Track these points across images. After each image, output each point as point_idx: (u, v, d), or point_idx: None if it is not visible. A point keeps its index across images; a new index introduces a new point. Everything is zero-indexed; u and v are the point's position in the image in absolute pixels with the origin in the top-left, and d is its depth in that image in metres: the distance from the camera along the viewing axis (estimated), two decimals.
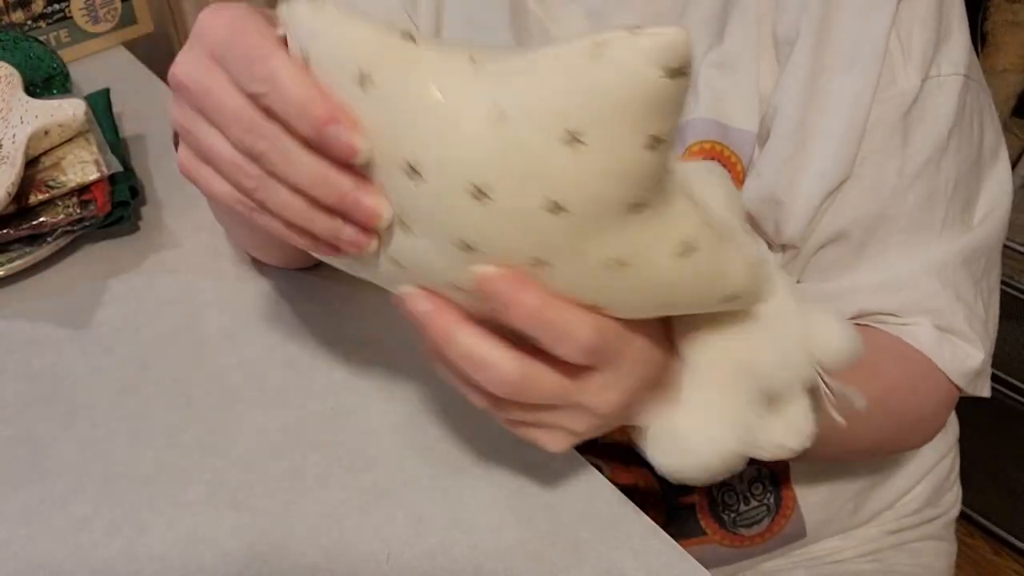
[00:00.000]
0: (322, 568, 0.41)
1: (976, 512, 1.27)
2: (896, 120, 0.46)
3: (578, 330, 0.32)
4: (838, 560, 0.61)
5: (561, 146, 0.26)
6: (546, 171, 0.27)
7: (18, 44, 0.72)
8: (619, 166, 0.27)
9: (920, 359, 0.48)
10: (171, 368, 0.52)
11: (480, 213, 0.28)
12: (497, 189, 0.27)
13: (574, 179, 0.27)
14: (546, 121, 0.26)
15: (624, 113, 0.26)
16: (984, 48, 1.18)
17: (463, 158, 0.27)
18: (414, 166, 0.28)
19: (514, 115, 0.27)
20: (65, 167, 0.61)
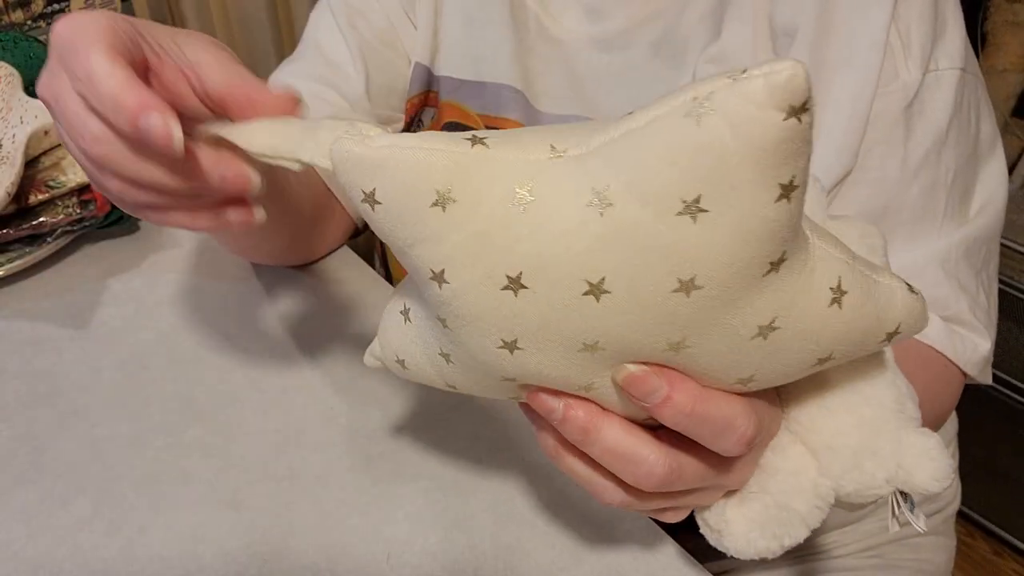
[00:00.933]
0: (322, 568, 0.41)
1: (976, 512, 1.27)
2: (898, 113, 0.47)
3: (740, 422, 0.30)
4: (839, 555, 0.61)
5: (681, 220, 0.24)
6: (669, 250, 0.24)
7: (18, 44, 0.72)
8: (751, 225, 0.24)
9: (935, 359, 0.49)
10: (171, 368, 0.52)
11: (601, 310, 0.26)
12: (616, 281, 0.25)
13: (703, 252, 0.24)
14: (658, 197, 0.24)
15: (748, 168, 0.23)
16: (984, 48, 1.18)
17: (571, 257, 0.25)
18: (517, 279, 0.26)
19: (619, 198, 0.24)
20: (65, 167, 0.61)
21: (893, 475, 0.34)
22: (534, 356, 0.28)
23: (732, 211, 0.24)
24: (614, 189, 0.24)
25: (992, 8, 1.16)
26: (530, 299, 0.26)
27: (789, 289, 0.26)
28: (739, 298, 0.26)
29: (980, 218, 0.51)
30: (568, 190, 0.25)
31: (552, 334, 0.27)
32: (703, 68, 0.50)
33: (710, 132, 0.23)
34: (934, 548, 0.64)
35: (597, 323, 0.26)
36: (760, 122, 0.22)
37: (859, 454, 0.33)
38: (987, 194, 0.52)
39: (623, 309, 0.26)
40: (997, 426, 1.17)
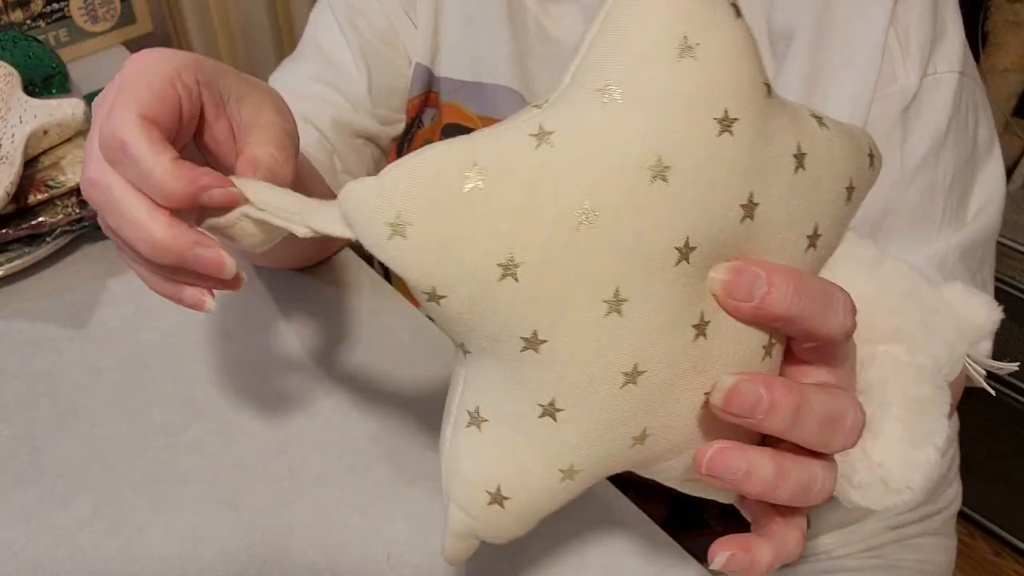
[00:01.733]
0: (322, 568, 0.41)
1: (976, 512, 1.27)
2: (896, 116, 0.47)
3: (836, 291, 0.28)
4: (839, 556, 0.61)
5: (687, 65, 0.25)
6: (703, 85, 0.25)
7: (17, 43, 0.72)
8: (732, 39, 0.26)
9: None
10: (171, 368, 0.52)
11: (670, 202, 0.25)
12: (680, 161, 0.25)
13: (716, 82, 0.25)
14: (668, 49, 0.25)
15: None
16: (985, 48, 1.18)
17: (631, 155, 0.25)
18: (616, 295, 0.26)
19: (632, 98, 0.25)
20: (64, 167, 0.61)
21: (961, 328, 0.35)
22: (636, 306, 0.26)
23: (708, 36, 0.25)
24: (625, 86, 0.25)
25: (992, 8, 1.16)
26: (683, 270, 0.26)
27: (789, 113, 0.27)
28: (764, 124, 0.26)
29: (977, 221, 0.51)
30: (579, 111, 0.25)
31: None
32: None
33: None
34: (935, 548, 0.64)
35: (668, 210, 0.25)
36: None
37: (927, 322, 0.34)
38: (985, 196, 0.52)
39: (687, 189, 0.25)
40: (997, 426, 1.17)
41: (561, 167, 0.24)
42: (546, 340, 0.26)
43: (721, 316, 0.28)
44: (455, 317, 0.26)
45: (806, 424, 0.27)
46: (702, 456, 0.28)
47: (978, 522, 1.28)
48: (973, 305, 0.36)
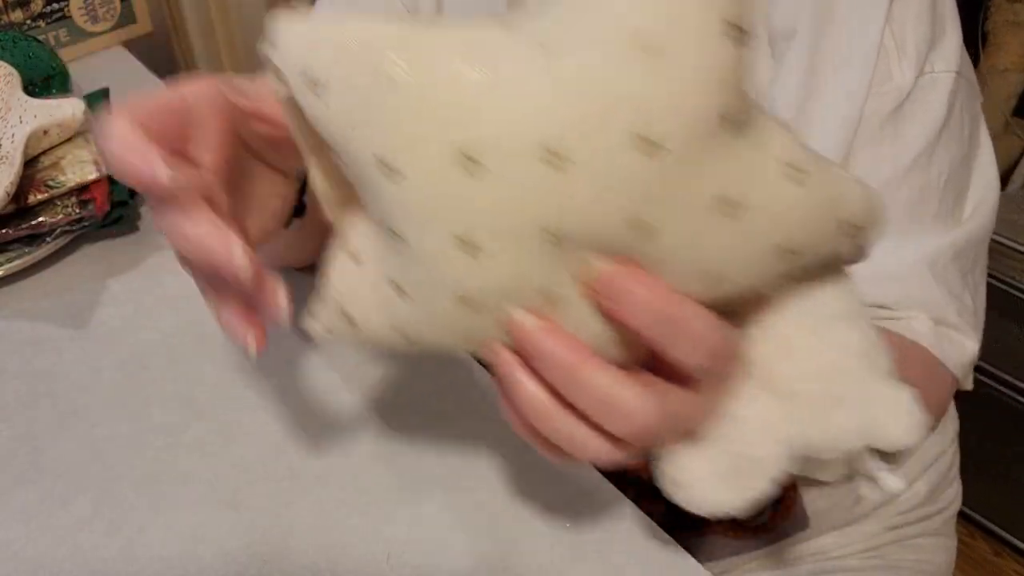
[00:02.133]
0: (322, 568, 0.41)
1: (976, 512, 1.27)
2: (888, 113, 0.47)
3: (704, 324, 0.28)
4: (840, 556, 0.61)
5: (638, 68, 0.23)
6: (628, 103, 0.23)
7: (17, 43, 0.72)
8: (705, 65, 0.23)
9: (926, 357, 0.49)
10: (171, 368, 0.52)
11: (559, 182, 0.24)
12: (575, 144, 0.23)
13: (662, 100, 0.23)
14: (615, 44, 0.23)
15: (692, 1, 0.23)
16: (985, 48, 1.18)
17: (526, 121, 0.24)
18: (469, 155, 0.24)
19: (568, 48, 0.23)
20: (64, 167, 0.61)
21: (864, 427, 0.32)
22: (492, 258, 0.26)
23: (686, 51, 0.23)
24: (566, 44, 0.23)
25: (993, 8, 1.16)
26: (486, 179, 0.24)
27: (745, 157, 0.25)
28: (698, 160, 0.24)
29: (971, 221, 0.51)
30: (519, 54, 0.24)
31: (511, 221, 0.25)
32: None
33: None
34: (935, 549, 0.64)
35: (556, 200, 0.24)
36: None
37: (824, 401, 0.32)
38: (978, 197, 0.52)
39: (587, 177, 0.24)
40: (997, 426, 1.17)
41: (471, 99, 0.24)
42: (406, 241, 0.27)
43: (575, 298, 0.28)
44: (351, 180, 0.28)
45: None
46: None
47: (978, 522, 1.28)
48: (897, 415, 0.32)
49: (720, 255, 0.27)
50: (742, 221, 0.26)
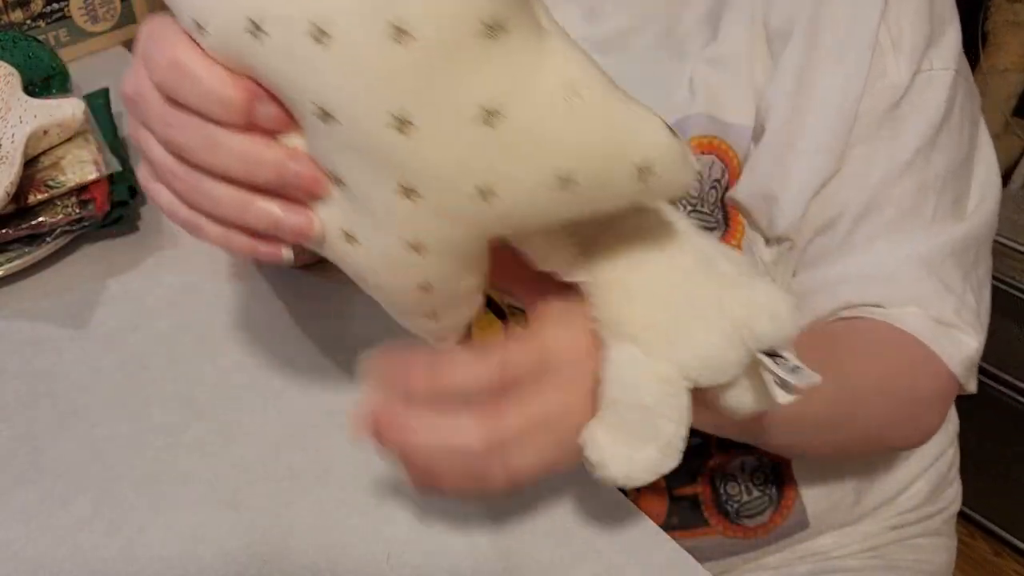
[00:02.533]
0: (322, 568, 0.41)
1: (976, 512, 1.27)
2: (884, 111, 0.47)
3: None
4: (840, 556, 0.61)
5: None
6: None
7: (17, 43, 0.72)
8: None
9: (918, 346, 0.48)
10: (171, 368, 0.52)
11: (327, 59, 0.25)
12: (339, 23, 0.24)
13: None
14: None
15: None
16: (985, 48, 1.18)
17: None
18: (256, 22, 0.26)
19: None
20: (64, 167, 0.61)
21: (728, 334, 0.33)
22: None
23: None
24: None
25: (992, 8, 1.16)
26: (267, 44, 0.26)
27: (512, 69, 0.26)
28: (456, 64, 0.25)
29: (970, 220, 0.51)
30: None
31: (286, 94, 0.27)
32: (700, 70, 0.50)
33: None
34: (935, 549, 0.64)
35: (320, 77, 0.26)
36: None
37: (679, 326, 0.33)
38: (979, 196, 0.52)
39: (341, 57, 0.25)
40: (997, 426, 1.17)
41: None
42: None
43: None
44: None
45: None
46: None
47: (978, 522, 1.28)
48: (757, 310, 0.33)
49: (484, 166, 0.27)
50: (504, 133, 0.26)
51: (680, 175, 0.30)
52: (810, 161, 0.47)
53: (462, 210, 0.29)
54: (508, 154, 0.27)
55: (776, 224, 0.49)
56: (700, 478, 0.58)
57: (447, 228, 0.30)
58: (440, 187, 0.28)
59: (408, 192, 0.28)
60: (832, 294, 0.50)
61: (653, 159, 0.28)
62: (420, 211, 0.29)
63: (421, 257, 0.31)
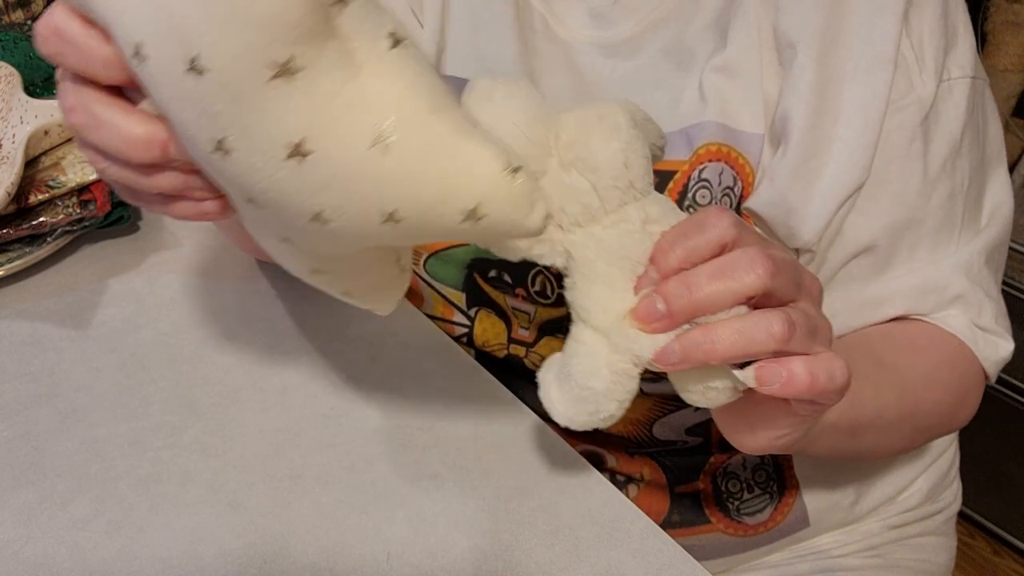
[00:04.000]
0: (322, 568, 0.41)
1: (976, 512, 1.27)
2: (915, 126, 0.47)
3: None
4: (839, 555, 0.61)
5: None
6: (180, 27, 0.25)
7: (18, 44, 0.72)
8: (261, 10, 0.24)
9: (956, 340, 0.50)
10: (171, 368, 0.52)
11: (156, 80, 0.26)
12: (149, 50, 0.25)
13: (204, 29, 0.24)
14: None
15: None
16: (984, 48, 1.19)
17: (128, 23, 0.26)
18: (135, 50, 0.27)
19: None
20: (65, 167, 0.61)
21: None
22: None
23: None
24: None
25: (992, 8, 1.16)
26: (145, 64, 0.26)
27: (312, 109, 0.26)
28: (255, 96, 0.25)
29: (994, 224, 0.52)
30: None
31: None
32: (709, 77, 0.50)
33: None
34: (935, 548, 0.64)
35: (159, 96, 0.27)
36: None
37: (627, 318, 0.35)
38: (997, 199, 0.53)
39: (161, 80, 0.26)
40: (997, 426, 1.17)
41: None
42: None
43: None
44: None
45: (704, 287, 0.32)
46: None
47: (978, 522, 1.28)
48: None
49: (306, 196, 0.28)
50: (317, 169, 0.27)
51: (517, 217, 0.29)
52: (836, 174, 0.47)
53: (303, 228, 0.29)
54: (327, 187, 0.27)
55: (797, 235, 0.49)
56: (702, 475, 0.58)
57: (298, 233, 0.31)
58: (277, 208, 0.29)
59: (253, 202, 0.29)
60: (880, 309, 0.51)
61: (481, 203, 0.28)
62: (270, 219, 0.30)
63: (295, 248, 0.32)
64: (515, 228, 0.30)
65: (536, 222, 0.30)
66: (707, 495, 0.59)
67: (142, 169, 0.31)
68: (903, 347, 0.49)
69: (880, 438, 0.49)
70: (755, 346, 0.32)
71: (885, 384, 0.47)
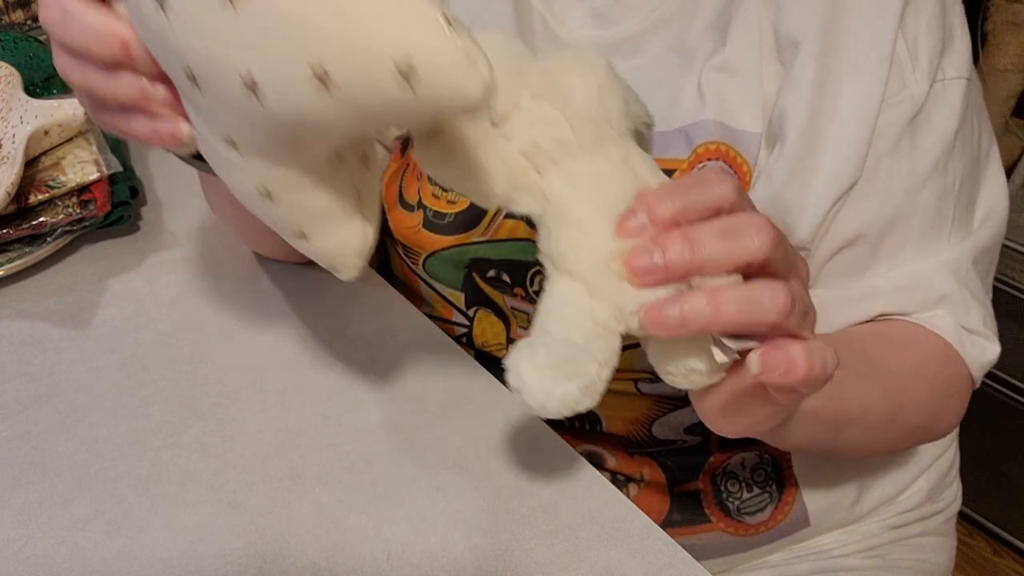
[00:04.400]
0: (322, 568, 0.41)
1: (976, 512, 1.27)
2: (905, 124, 0.47)
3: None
4: (839, 555, 0.61)
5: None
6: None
7: (18, 44, 0.73)
8: None
9: (942, 341, 0.50)
10: (171, 368, 0.52)
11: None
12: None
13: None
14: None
15: None
16: (984, 48, 1.18)
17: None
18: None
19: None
20: (65, 167, 0.61)
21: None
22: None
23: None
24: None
25: (992, 8, 1.16)
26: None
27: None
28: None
29: (986, 226, 0.52)
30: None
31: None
32: (708, 76, 0.50)
33: None
34: (935, 548, 0.64)
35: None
36: None
37: (610, 262, 0.32)
38: (991, 202, 0.53)
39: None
40: (997, 426, 1.17)
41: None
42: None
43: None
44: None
45: (707, 245, 0.31)
46: (641, 313, 0.32)
47: (977, 522, 1.28)
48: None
49: (239, 52, 0.27)
50: (249, 15, 0.27)
51: (455, 75, 0.27)
52: (831, 172, 0.48)
53: (238, 103, 0.29)
54: (259, 40, 0.27)
55: (793, 233, 0.49)
56: (701, 475, 0.58)
57: (237, 123, 0.30)
58: (211, 75, 0.29)
59: (193, 79, 0.29)
60: (864, 306, 0.51)
61: (415, 56, 0.26)
62: (211, 101, 0.30)
63: (239, 155, 0.32)
64: (456, 94, 0.27)
65: (477, 85, 0.27)
66: (707, 495, 0.59)
67: (105, 69, 0.33)
68: (889, 345, 0.49)
69: (864, 434, 0.49)
70: (760, 316, 0.31)
71: (872, 380, 0.47)
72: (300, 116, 0.29)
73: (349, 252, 0.38)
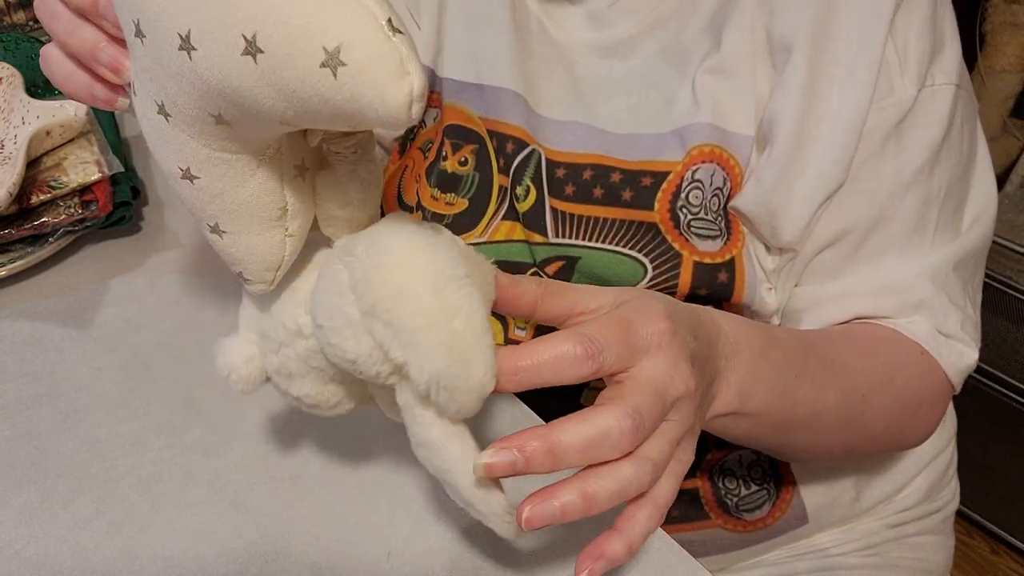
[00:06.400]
0: (323, 567, 0.41)
1: (974, 511, 1.28)
2: (891, 127, 0.48)
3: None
4: (838, 554, 0.61)
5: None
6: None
7: (20, 45, 0.73)
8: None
9: (918, 347, 0.50)
10: (172, 368, 0.52)
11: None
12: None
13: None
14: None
15: None
16: (983, 49, 1.19)
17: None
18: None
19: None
20: (67, 167, 0.61)
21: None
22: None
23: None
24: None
25: (991, 9, 1.17)
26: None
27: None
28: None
29: (970, 233, 0.52)
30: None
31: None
32: (702, 79, 0.50)
33: None
34: (933, 547, 0.64)
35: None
36: None
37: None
38: (978, 208, 0.53)
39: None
40: (996, 426, 1.17)
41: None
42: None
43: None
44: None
45: (567, 457, 0.33)
46: (520, 515, 0.33)
47: (976, 521, 1.28)
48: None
49: (179, 8, 0.28)
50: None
51: (382, 77, 0.26)
52: (818, 174, 0.48)
53: (173, 62, 0.29)
54: (205, 1, 0.27)
55: (780, 235, 0.49)
56: (699, 473, 0.58)
57: (171, 86, 0.30)
58: (155, 29, 0.29)
59: (140, 32, 0.29)
60: (842, 307, 0.51)
61: (346, 47, 0.26)
62: (150, 57, 0.30)
63: (168, 126, 0.31)
64: (377, 97, 0.26)
65: (401, 99, 0.26)
66: (705, 492, 0.59)
67: (71, 15, 0.34)
68: (861, 350, 0.49)
69: (813, 438, 0.49)
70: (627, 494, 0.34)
71: (830, 386, 0.46)
72: (223, 81, 0.28)
73: (262, 263, 0.37)
